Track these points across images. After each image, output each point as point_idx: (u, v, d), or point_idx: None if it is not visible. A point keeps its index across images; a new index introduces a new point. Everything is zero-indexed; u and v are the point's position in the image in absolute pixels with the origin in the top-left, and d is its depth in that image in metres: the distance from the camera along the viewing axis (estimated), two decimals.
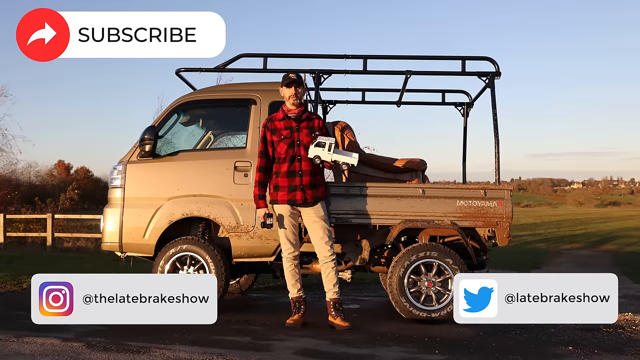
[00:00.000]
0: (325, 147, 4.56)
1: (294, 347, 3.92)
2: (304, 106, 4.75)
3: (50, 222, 14.80)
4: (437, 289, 4.89)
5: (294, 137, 4.65)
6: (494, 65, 5.30)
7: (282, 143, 4.66)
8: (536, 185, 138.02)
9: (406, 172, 5.57)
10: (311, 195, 4.64)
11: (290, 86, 4.63)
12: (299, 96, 4.65)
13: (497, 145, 5.18)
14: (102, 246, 5.42)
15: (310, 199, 4.64)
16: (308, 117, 4.73)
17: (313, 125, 4.72)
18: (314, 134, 4.68)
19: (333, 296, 4.69)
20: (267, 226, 4.68)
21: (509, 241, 5.07)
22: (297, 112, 4.68)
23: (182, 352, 3.69)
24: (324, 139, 4.58)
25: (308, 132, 4.67)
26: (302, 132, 4.67)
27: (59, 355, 3.60)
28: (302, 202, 4.63)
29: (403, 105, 6.79)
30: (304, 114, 4.71)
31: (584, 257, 19.54)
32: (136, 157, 5.28)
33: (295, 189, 4.63)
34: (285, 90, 4.67)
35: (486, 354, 3.85)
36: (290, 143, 4.65)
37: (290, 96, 4.63)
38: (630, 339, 4.38)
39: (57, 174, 47.10)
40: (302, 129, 4.68)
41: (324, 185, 4.78)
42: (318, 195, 4.68)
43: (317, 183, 4.69)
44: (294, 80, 4.62)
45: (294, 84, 4.62)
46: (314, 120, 4.76)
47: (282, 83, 4.70)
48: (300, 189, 4.63)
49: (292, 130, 4.67)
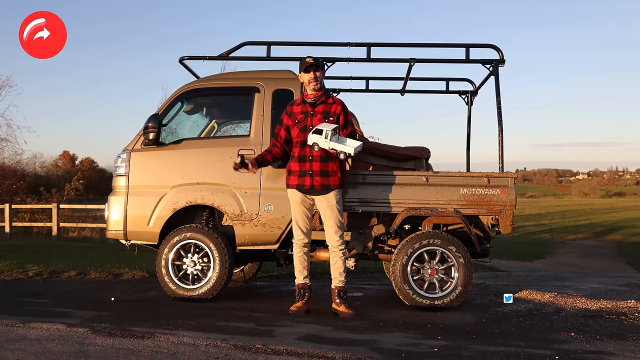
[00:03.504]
0: (322, 134, 4.47)
1: (298, 333, 3.95)
2: (322, 90, 4.67)
3: (55, 212, 14.87)
4: (440, 276, 4.90)
5: (307, 122, 4.61)
6: (498, 52, 5.29)
7: (295, 127, 4.63)
8: (541, 175, 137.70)
9: (410, 160, 5.57)
10: (319, 182, 4.59)
11: (308, 71, 4.56)
12: (319, 80, 4.58)
13: (500, 133, 5.16)
14: (107, 234, 5.45)
15: (318, 186, 4.59)
16: (324, 102, 4.65)
17: (329, 111, 4.63)
18: (327, 119, 4.60)
19: (339, 284, 4.70)
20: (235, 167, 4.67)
21: (512, 229, 5.07)
22: (314, 97, 4.64)
23: (187, 337, 3.72)
24: (323, 126, 4.50)
25: (322, 117, 4.60)
26: (316, 117, 4.61)
27: (65, 340, 3.63)
28: (310, 188, 4.60)
29: (407, 93, 6.77)
30: (321, 99, 4.65)
31: (589, 247, 19.55)
32: (140, 145, 5.30)
33: (305, 174, 4.61)
34: (304, 76, 4.61)
35: (488, 340, 3.87)
36: (303, 127, 4.61)
37: (310, 81, 4.57)
38: (632, 325, 4.38)
39: (62, 164, 47.28)
40: (317, 113, 4.62)
41: (338, 173, 4.65)
42: (328, 183, 4.60)
43: (329, 170, 4.60)
44: (311, 64, 4.55)
45: (312, 68, 4.54)
46: (332, 106, 4.65)
47: (299, 69, 4.64)
48: (309, 175, 4.59)
49: (306, 114, 4.64)
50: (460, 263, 4.84)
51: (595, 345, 3.77)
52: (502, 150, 5.17)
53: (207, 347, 3.50)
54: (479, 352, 3.54)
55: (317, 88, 4.60)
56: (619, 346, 3.76)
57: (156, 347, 3.49)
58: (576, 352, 3.59)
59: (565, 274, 8.65)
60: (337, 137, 4.51)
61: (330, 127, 4.47)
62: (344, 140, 4.55)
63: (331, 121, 4.58)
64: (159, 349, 3.43)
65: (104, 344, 3.54)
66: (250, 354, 3.36)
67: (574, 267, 12.69)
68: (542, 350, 3.61)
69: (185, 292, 5.09)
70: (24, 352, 3.33)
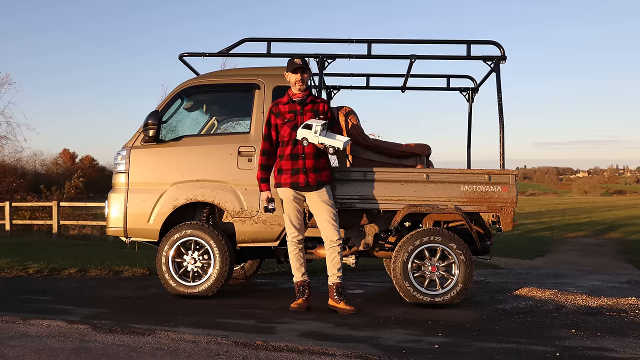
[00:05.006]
0: (312, 129, 4.53)
1: (298, 330, 3.95)
2: (309, 90, 4.75)
3: (55, 210, 14.87)
4: (441, 273, 4.89)
5: (297, 120, 4.65)
6: (499, 49, 5.27)
7: (285, 126, 4.66)
8: (541, 174, 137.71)
9: (410, 157, 5.56)
10: (314, 178, 4.63)
11: (296, 72, 4.63)
12: (305, 81, 4.66)
13: (502, 130, 5.15)
14: (107, 231, 5.44)
15: (313, 183, 4.63)
16: (313, 100, 4.73)
17: (317, 109, 4.71)
18: (318, 117, 4.67)
19: (336, 280, 4.70)
20: (269, 210, 4.70)
21: (513, 226, 5.06)
22: (302, 96, 4.69)
23: (187, 334, 3.72)
24: (312, 121, 4.56)
25: (312, 115, 4.67)
26: (306, 115, 4.67)
27: (65, 336, 3.63)
28: (305, 185, 4.63)
29: (408, 90, 6.76)
30: (309, 98, 4.71)
31: (589, 245, 19.55)
32: (140, 142, 5.29)
33: (298, 172, 4.63)
34: (290, 76, 4.67)
35: (489, 337, 3.86)
36: (294, 126, 4.65)
37: (296, 82, 4.64)
38: (633, 322, 4.38)
39: (62, 162, 47.33)
40: (306, 112, 4.68)
41: (328, 169, 4.76)
42: (322, 179, 4.67)
43: (321, 167, 4.68)
44: (300, 66, 4.61)
45: (299, 70, 4.62)
46: (319, 104, 4.75)
47: (287, 68, 4.69)
48: (303, 172, 4.62)
49: (295, 113, 4.68)
50: (461, 260, 4.83)
51: (596, 342, 3.77)
52: (503, 147, 5.16)
53: (207, 344, 3.49)
54: (480, 349, 3.54)
55: (303, 89, 4.68)
56: (620, 343, 3.76)
57: (157, 343, 3.48)
58: (577, 348, 3.59)
59: (565, 271, 8.64)
60: (325, 132, 4.60)
61: (320, 123, 4.54)
62: (333, 135, 4.63)
63: (321, 119, 4.64)
64: (159, 346, 3.43)
65: (104, 341, 3.54)
66: (250, 350, 3.35)
67: (574, 265, 12.70)
68: (543, 346, 3.61)
69: (186, 289, 5.08)
70: (25, 349, 3.33)
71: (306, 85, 4.69)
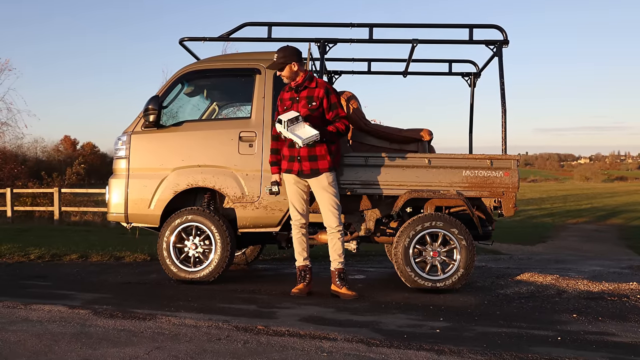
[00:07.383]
0: (282, 123, 4.45)
1: (299, 315, 3.95)
2: (304, 76, 4.65)
3: (57, 196, 14.88)
4: (443, 258, 4.88)
5: (293, 108, 4.61)
6: (502, 33, 5.22)
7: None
8: (543, 160, 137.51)
9: (412, 142, 5.52)
10: (308, 167, 4.60)
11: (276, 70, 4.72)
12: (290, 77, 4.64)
13: (504, 115, 5.11)
14: (108, 217, 5.43)
15: (307, 171, 4.60)
16: (307, 87, 4.65)
17: (312, 95, 4.63)
18: (310, 104, 4.60)
19: (338, 266, 4.69)
20: (273, 193, 4.70)
21: (514, 211, 5.04)
22: (300, 81, 4.64)
23: (188, 319, 3.72)
24: (283, 116, 4.47)
25: (305, 102, 4.61)
26: (300, 102, 4.62)
27: (66, 321, 3.63)
28: (298, 173, 4.62)
29: (409, 75, 6.71)
30: (304, 84, 4.65)
31: (590, 231, 19.55)
32: (140, 127, 5.26)
33: (294, 160, 4.63)
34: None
35: (491, 322, 3.86)
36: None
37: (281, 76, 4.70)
38: (634, 307, 4.38)
39: (63, 149, 47.26)
40: (301, 99, 4.63)
41: (327, 156, 4.61)
42: (317, 167, 4.60)
43: (317, 154, 4.59)
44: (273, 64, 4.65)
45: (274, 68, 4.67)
46: (315, 90, 4.65)
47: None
48: (298, 160, 4.61)
49: (293, 101, 4.65)
50: (462, 245, 4.82)
51: (597, 327, 3.77)
52: (505, 131, 5.13)
53: (208, 329, 3.49)
54: (481, 333, 3.54)
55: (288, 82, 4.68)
56: (621, 327, 3.76)
57: (158, 328, 3.49)
58: (578, 332, 3.59)
59: (566, 257, 8.65)
60: (293, 127, 4.46)
61: (288, 117, 4.46)
62: (298, 130, 4.47)
63: (314, 106, 4.59)
64: (160, 330, 3.43)
65: (105, 326, 3.55)
66: (252, 335, 3.36)
67: (576, 251, 12.70)
68: (545, 331, 3.61)
69: (187, 274, 5.09)
70: (26, 334, 3.33)
71: (290, 79, 4.65)
